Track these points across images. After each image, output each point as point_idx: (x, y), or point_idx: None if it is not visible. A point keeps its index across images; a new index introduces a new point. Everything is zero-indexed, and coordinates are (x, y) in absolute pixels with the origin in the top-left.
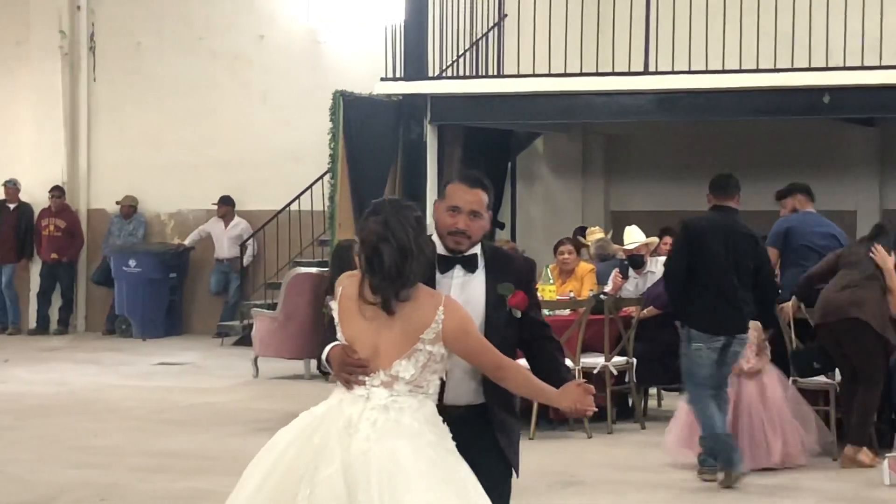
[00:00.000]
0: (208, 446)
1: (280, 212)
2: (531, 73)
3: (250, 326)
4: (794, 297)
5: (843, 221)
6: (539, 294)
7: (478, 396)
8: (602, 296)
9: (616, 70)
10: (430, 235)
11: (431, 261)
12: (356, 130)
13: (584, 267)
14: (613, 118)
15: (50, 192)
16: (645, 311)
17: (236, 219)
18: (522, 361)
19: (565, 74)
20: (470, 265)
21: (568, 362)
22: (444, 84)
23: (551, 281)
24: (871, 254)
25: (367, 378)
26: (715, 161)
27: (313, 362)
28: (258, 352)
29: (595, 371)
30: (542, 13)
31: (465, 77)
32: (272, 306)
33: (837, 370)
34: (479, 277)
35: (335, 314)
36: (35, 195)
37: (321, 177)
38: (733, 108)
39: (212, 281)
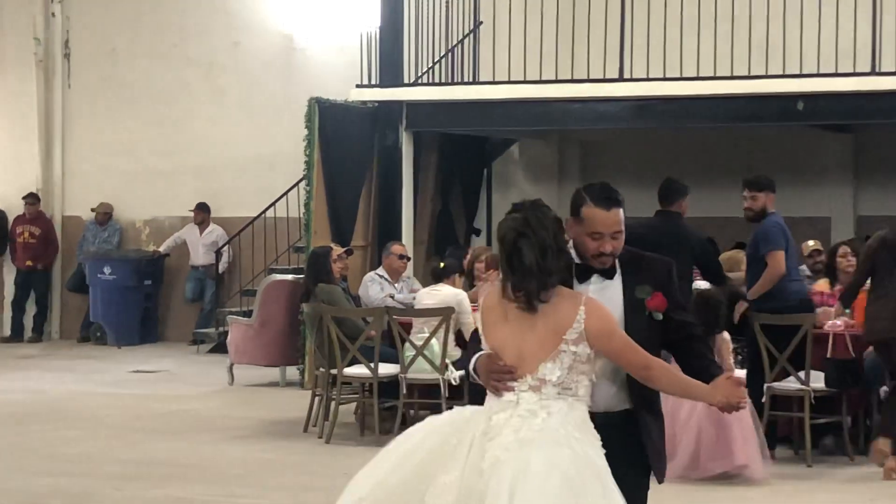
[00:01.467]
0: (183, 454)
1: (255, 219)
2: (507, 79)
3: (226, 334)
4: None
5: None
6: None
7: (618, 403)
8: None
9: (591, 77)
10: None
11: (569, 263)
12: (332, 137)
13: None
14: (589, 125)
15: (24, 198)
16: None
17: (212, 225)
18: None
19: (541, 81)
20: (608, 272)
21: None
22: (419, 91)
23: None
24: None
25: (515, 384)
26: (690, 168)
27: (289, 369)
28: (234, 359)
29: None
30: (517, 20)
31: (440, 84)
32: (248, 313)
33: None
34: (617, 283)
35: (479, 325)
36: (9, 202)
37: (297, 183)
38: (708, 114)
39: (187, 288)
